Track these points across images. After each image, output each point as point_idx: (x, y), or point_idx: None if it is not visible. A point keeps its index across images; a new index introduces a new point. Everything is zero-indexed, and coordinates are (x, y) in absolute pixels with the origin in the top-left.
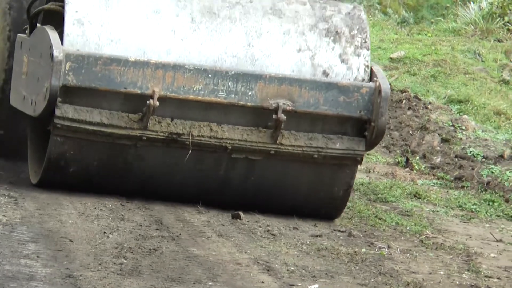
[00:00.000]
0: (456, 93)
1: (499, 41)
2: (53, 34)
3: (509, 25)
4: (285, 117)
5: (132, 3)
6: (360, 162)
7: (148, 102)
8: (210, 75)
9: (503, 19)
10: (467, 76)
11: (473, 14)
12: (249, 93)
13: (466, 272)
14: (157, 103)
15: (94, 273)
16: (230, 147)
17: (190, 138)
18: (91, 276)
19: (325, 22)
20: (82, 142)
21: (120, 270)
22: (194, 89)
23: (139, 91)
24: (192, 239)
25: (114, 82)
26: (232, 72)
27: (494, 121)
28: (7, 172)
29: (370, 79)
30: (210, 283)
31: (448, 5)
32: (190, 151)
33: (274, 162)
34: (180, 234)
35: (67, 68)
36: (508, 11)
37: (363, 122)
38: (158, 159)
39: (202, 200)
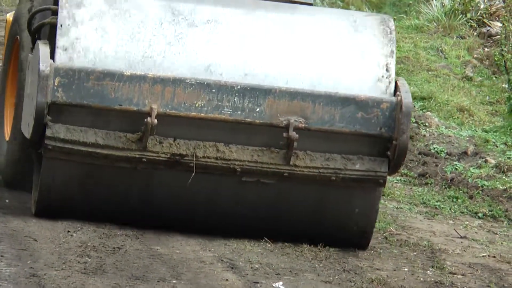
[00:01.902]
0: (419, 90)
1: (461, 37)
2: (43, 48)
3: (472, 21)
4: (297, 135)
5: (131, 14)
6: (383, 185)
7: (145, 120)
8: (213, 90)
9: (466, 16)
10: (430, 73)
11: (435, 11)
12: (257, 109)
13: (430, 269)
14: (156, 121)
15: (58, 272)
16: (239, 169)
17: (195, 159)
18: (55, 275)
19: (350, 32)
20: (77, 166)
21: (84, 269)
22: (196, 105)
23: (135, 108)
24: (156, 237)
25: (107, 98)
26: (238, 87)
27: (458, 117)
28: None
29: (394, 94)
30: (174, 281)
31: (410, 2)
32: (193, 174)
33: (288, 186)
34: (143, 232)
35: (56, 84)
36: (471, 8)
37: (384, 141)
38: (160, 183)
39: (209, 227)
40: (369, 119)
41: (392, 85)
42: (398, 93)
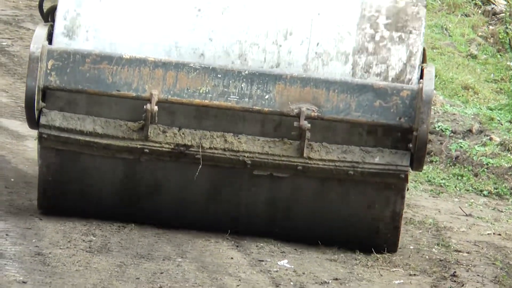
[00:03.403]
0: None
1: (466, 15)
2: (39, 30)
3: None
4: (309, 125)
5: None
6: (405, 180)
7: (145, 107)
8: (219, 75)
9: None
10: (434, 51)
11: None
12: (266, 97)
13: (435, 247)
14: (156, 107)
15: (63, 251)
16: (249, 162)
17: (201, 150)
18: (60, 253)
19: (375, 16)
20: (75, 156)
21: (89, 247)
22: (201, 91)
23: (134, 94)
24: None
25: (104, 83)
26: (246, 72)
27: (462, 95)
28: None
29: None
30: (179, 260)
31: None
32: (200, 166)
33: (302, 181)
34: None
35: (49, 67)
36: None
37: (405, 132)
38: (165, 176)
39: (218, 227)
40: (388, 108)
41: (417, 71)
42: (421, 80)
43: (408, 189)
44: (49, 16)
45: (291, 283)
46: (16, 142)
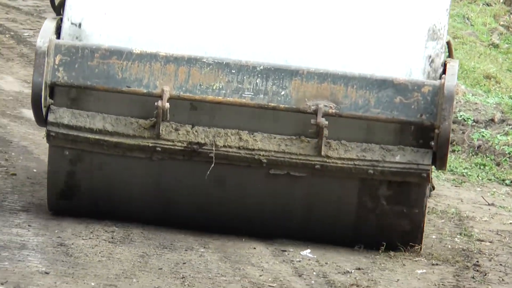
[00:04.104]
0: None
1: (487, 5)
2: (47, 24)
3: None
4: (326, 122)
5: None
6: (426, 179)
7: (156, 103)
8: (233, 71)
9: None
10: (456, 40)
11: None
12: (282, 93)
13: (458, 236)
14: (167, 104)
15: (86, 241)
16: (265, 161)
17: (214, 149)
18: (82, 244)
19: (395, 9)
20: (85, 155)
21: (112, 238)
22: (214, 88)
23: (145, 90)
24: None
25: (114, 79)
26: (261, 67)
27: (484, 85)
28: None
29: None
30: (202, 250)
31: None
32: (213, 165)
33: (321, 180)
34: None
35: (56, 62)
36: None
37: (426, 129)
38: (178, 175)
39: (235, 226)
40: (408, 104)
41: (440, 66)
42: (443, 75)
43: (433, 188)
44: (60, 8)
45: (314, 273)
46: (38, 132)
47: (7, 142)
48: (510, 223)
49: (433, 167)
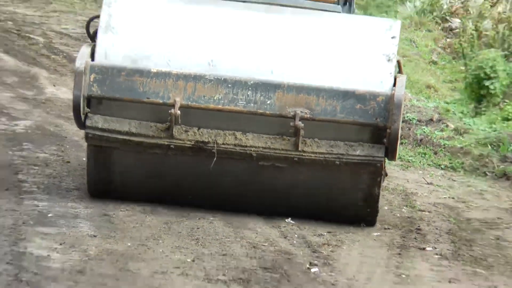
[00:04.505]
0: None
1: (429, 31)
2: (83, 49)
3: (437, 18)
4: (302, 125)
5: (165, 17)
6: (380, 168)
7: (170, 111)
8: (229, 85)
9: (432, 14)
10: (405, 58)
11: (409, 11)
12: (268, 102)
13: (404, 207)
14: (179, 112)
15: (124, 212)
16: (255, 155)
17: (215, 146)
18: (121, 214)
19: (356, 33)
20: (119, 153)
21: (143, 210)
22: (215, 98)
23: (161, 101)
24: None
25: (137, 92)
26: (251, 82)
27: (425, 92)
28: (56, 137)
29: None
30: (211, 218)
31: (390, 4)
32: (215, 159)
33: (299, 169)
34: None
35: (91, 80)
36: (436, 8)
37: (380, 129)
38: (188, 167)
39: (231, 207)
40: (366, 110)
41: (392, 80)
42: (394, 87)
43: (386, 175)
44: (94, 36)
45: (295, 235)
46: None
47: (62, 137)
48: (444, 198)
49: (385, 158)
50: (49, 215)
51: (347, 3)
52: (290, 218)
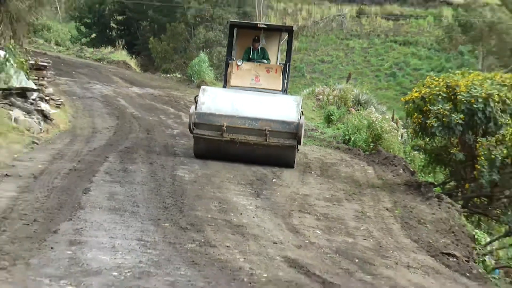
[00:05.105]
0: None
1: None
2: (192, 107)
3: None
4: (268, 132)
5: (224, 97)
6: (296, 148)
7: (222, 127)
8: (243, 118)
9: None
10: (306, 106)
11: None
12: (256, 124)
13: (304, 159)
14: (225, 128)
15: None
16: (252, 143)
17: (238, 140)
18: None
19: (288, 102)
20: (204, 142)
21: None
22: (238, 123)
23: (219, 124)
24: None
25: (212, 120)
26: (251, 117)
27: (312, 119)
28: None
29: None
30: (239, 166)
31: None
32: (237, 145)
33: (266, 148)
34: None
35: (195, 116)
36: None
37: (296, 134)
38: (228, 147)
39: (244, 161)
40: (291, 127)
41: (299, 116)
42: (300, 119)
43: (298, 150)
44: (196, 101)
45: (267, 169)
46: (182, 126)
47: (189, 137)
48: (317, 155)
49: (297, 144)
50: (185, 162)
51: (285, 90)
52: (267, 167)
